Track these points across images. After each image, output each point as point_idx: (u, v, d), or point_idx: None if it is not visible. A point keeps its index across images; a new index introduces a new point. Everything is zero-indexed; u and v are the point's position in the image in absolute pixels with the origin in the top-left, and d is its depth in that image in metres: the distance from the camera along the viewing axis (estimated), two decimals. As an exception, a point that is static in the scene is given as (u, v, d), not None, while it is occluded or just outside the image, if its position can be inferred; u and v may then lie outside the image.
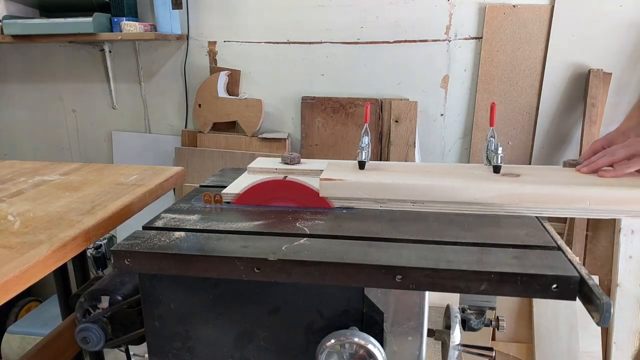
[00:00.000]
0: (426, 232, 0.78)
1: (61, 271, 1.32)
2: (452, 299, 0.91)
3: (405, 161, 1.99)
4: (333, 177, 0.90)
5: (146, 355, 0.82)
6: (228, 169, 1.20)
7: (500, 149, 0.94)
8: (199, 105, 2.16)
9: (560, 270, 0.64)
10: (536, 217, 0.85)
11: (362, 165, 0.98)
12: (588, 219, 1.90)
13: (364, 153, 0.97)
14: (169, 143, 2.27)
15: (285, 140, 2.08)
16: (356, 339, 0.68)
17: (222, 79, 2.12)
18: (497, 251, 0.70)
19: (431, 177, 0.91)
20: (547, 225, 0.81)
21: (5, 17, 1.97)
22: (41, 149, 2.46)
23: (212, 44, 2.15)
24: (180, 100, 2.24)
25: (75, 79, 2.31)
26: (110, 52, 2.21)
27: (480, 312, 0.93)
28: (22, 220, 0.89)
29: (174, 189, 1.82)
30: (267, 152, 2.09)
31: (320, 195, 0.90)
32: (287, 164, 1.10)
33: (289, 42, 2.08)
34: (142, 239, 0.76)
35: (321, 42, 2.04)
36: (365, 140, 0.98)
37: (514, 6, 1.88)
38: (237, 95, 2.15)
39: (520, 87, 1.95)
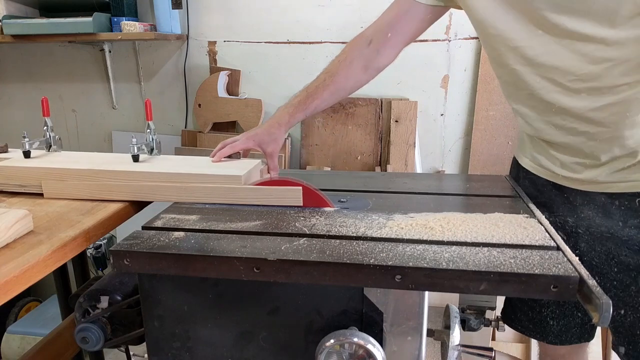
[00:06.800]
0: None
1: (61, 271, 1.31)
2: (452, 299, 0.91)
3: (405, 161, 1.99)
4: None
5: (146, 355, 0.82)
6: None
7: (134, 140, 1.06)
8: (199, 105, 2.16)
9: (560, 270, 0.64)
10: (532, 211, 0.85)
11: (26, 154, 1.10)
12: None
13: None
14: (169, 143, 2.27)
15: (285, 140, 2.08)
16: (355, 339, 0.68)
17: (222, 79, 2.12)
18: (496, 251, 0.70)
19: (68, 164, 1.03)
20: (546, 222, 0.81)
21: (5, 17, 1.97)
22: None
23: (212, 44, 2.15)
24: (180, 100, 2.24)
25: (75, 79, 2.31)
26: (110, 52, 2.20)
27: (480, 312, 0.93)
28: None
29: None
30: (267, 152, 2.09)
31: None
32: None
33: (289, 42, 2.08)
34: (141, 239, 0.76)
35: (321, 42, 2.04)
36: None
37: (514, 6, 1.88)
38: (237, 95, 2.15)
39: (520, 87, 1.95)
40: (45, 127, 1.15)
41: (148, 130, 1.12)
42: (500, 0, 0.87)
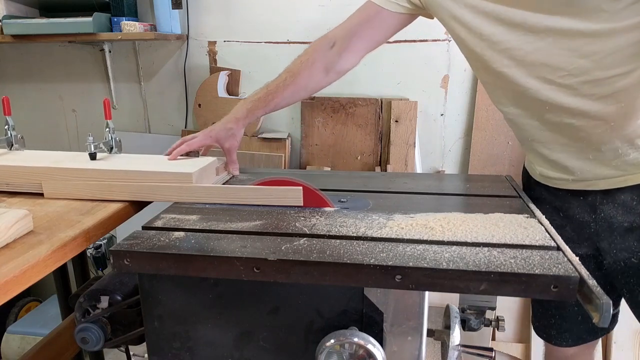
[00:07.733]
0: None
1: (61, 271, 1.32)
2: (452, 299, 0.91)
3: (405, 161, 1.99)
4: None
5: (146, 355, 0.82)
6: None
7: (90, 138, 1.09)
8: (199, 105, 2.16)
9: (560, 270, 0.64)
10: (532, 211, 0.85)
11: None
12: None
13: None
14: (169, 143, 2.26)
15: (285, 140, 2.08)
16: (356, 339, 0.68)
17: (222, 79, 2.12)
18: (496, 251, 0.70)
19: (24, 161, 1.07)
20: (546, 222, 0.81)
21: (5, 17, 1.97)
22: (41, 148, 2.44)
23: (212, 44, 2.15)
24: (180, 100, 2.24)
25: (75, 79, 2.31)
26: (110, 52, 2.20)
27: (480, 312, 0.93)
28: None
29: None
30: (267, 152, 2.09)
31: None
32: None
33: (289, 42, 2.08)
34: (141, 239, 0.76)
35: (321, 42, 2.04)
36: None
37: (514, 6, 1.88)
38: (237, 95, 2.15)
39: (520, 87, 1.94)
40: (7, 126, 1.18)
41: (107, 129, 1.14)
42: (472, 8, 0.87)
